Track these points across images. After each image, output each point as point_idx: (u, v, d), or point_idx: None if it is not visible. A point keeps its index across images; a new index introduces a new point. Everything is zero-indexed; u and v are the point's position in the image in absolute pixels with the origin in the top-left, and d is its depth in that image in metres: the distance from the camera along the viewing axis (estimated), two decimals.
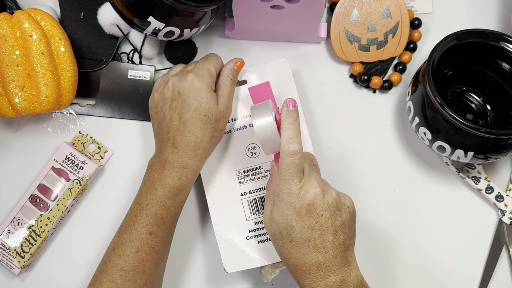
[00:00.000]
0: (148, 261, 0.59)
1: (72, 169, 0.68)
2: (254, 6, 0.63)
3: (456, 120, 0.58)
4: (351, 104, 0.72)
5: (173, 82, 0.62)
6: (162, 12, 0.61)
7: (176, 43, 0.69)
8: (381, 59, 0.72)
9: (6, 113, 0.65)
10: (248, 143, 0.66)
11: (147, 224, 0.59)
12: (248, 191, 0.65)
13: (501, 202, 0.69)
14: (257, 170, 0.65)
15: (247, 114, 0.66)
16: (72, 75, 0.66)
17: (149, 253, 0.59)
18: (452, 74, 0.69)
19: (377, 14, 0.70)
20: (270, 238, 0.58)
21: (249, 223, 0.65)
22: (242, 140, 0.66)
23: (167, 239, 0.61)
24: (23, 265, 0.67)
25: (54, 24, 0.65)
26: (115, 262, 0.59)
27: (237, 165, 0.65)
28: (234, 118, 0.66)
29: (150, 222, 0.59)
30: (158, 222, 0.60)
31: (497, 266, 0.69)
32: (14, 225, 0.67)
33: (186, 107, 0.60)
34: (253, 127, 0.57)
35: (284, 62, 0.67)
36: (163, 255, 0.62)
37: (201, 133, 0.60)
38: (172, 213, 0.61)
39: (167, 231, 0.61)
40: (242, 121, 0.66)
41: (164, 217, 0.60)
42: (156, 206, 0.60)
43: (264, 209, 0.61)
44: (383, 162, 0.71)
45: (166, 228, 0.60)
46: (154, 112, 0.64)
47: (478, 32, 0.64)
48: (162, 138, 0.62)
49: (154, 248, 0.59)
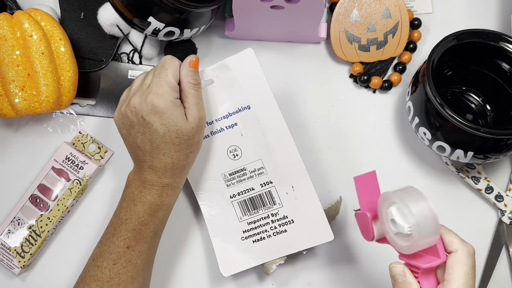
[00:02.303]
0: (123, 274, 0.58)
1: (72, 169, 0.68)
2: (254, 6, 0.63)
3: (456, 120, 0.58)
4: (351, 104, 0.72)
5: (134, 105, 0.57)
6: (162, 12, 0.62)
7: (176, 43, 0.69)
8: (381, 59, 0.72)
9: (6, 113, 0.65)
10: (228, 146, 0.64)
11: (125, 238, 0.58)
12: (237, 193, 0.65)
13: (501, 202, 0.69)
14: (242, 171, 0.64)
15: (221, 116, 0.64)
16: (72, 75, 0.66)
17: (125, 266, 0.58)
18: (452, 74, 0.69)
19: (377, 14, 0.70)
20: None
21: (242, 224, 0.64)
22: (222, 143, 0.64)
23: (147, 253, 0.60)
24: (23, 265, 0.67)
25: (54, 24, 0.65)
26: (93, 272, 0.59)
27: (222, 169, 0.65)
28: (210, 121, 0.64)
29: (128, 236, 0.58)
30: (136, 236, 0.58)
31: (496, 266, 0.69)
32: (14, 225, 0.67)
33: (154, 132, 0.57)
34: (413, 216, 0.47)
35: (249, 52, 0.63)
36: (142, 269, 0.60)
37: (176, 154, 0.57)
38: (152, 228, 0.59)
39: (147, 246, 0.59)
40: (219, 124, 0.64)
41: (143, 232, 0.59)
42: (135, 221, 0.58)
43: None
44: (383, 162, 0.71)
45: (145, 243, 0.59)
46: (123, 133, 0.60)
47: (478, 32, 0.64)
48: (138, 159, 0.59)
49: (131, 262, 0.58)
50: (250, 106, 0.64)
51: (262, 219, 0.64)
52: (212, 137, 0.65)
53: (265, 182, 0.64)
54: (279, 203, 0.64)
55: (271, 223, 0.64)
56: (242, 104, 0.64)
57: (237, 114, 0.64)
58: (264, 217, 0.64)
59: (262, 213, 0.64)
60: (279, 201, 0.64)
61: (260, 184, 0.64)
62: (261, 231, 0.64)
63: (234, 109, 0.64)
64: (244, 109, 0.64)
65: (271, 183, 0.64)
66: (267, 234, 0.64)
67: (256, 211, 0.64)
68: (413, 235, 0.47)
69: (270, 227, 0.64)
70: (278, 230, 0.64)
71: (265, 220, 0.64)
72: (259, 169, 0.64)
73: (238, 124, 0.64)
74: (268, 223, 0.64)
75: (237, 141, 0.64)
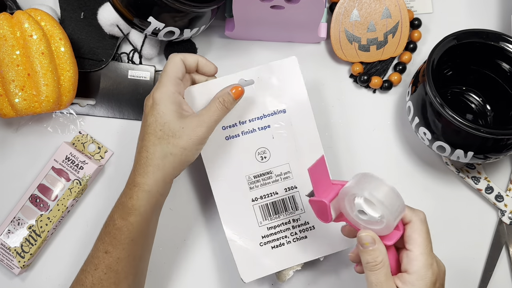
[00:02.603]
0: (105, 281, 0.57)
1: (72, 169, 0.68)
2: (254, 6, 0.63)
3: (456, 120, 0.58)
4: (351, 104, 0.72)
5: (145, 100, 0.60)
6: (162, 12, 0.62)
7: (176, 43, 0.69)
8: (381, 59, 0.72)
9: (6, 113, 0.65)
10: (258, 147, 0.64)
11: (103, 242, 0.58)
12: (260, 196, 0.63)
13: (501, 202, 0.69)
14: (268, 174, 0.64)
15: (255, 117, 0.64)
16: (72, 75, 0.66)
17: (106, 272, 0.57)
18: (452, 74, 0.69)
19: (377, 14, 0.70)
20: None
21: (262, 229, 0.63)
22: (251, 143, 0.64)
23: (127, 260, 0.57)
24: (23, 265, 0.67)
25: (54, 24, 0.65)
26: (79, 276, 0.58)
27: (247, 171, 0.63)
28: (243, 121, 0.64)
29: (105, 240, 0.58)
30: (112, 241, 0.57)
31: (497, 266, 0.69)
32: (14, 225, 0.67)
33: (145, 123, 0.58)
34: (378, 201, 0.49)
35: (293, 60, 0.64)
36: (124, 277, 0.57)
37: (153, 148, 0.57)
38: (126, 234, 0.57)
39: (125, 253, 0.57)
40: (251, 124, 0.64)
41: (118, 237, 0.57)
42: (110, 225, 0.58)
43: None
44: (383, 162, 0.71)
45: (123, 249, 0.57)
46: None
47: (478, 32, 0.64)
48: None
49: (111, 268, 0.57)
50: (286, 110, 0.64)
51: (282, 225, 0.63)
52: (242, 137, 0.64)
53: (289, 187, 0.64)
54: (302, 209, 0.63)
55: (291, 228, 0.63)
56: (278, 108, 0.64)
57: (272, 116, 0.64)
58: (285, 222, 0.63)
59: (283, 219, 0.63)
60: (301, 207, 0.63)
61: (284, 188, 0.64)
62: (281, 236, 0.63)
63: (269, 112, 0.64)
64: (280, 112, 0.64)
65: (296, 188, 0.64)
66: (286, 240, 0.63)
67: (277, 216, 0.63)
68: (385, 219, 0.48)
69: (291, 233, 0.63)
70: (299, 236, 0.63)
71: (286, 225, 0.63)
72: (285, 173, 0.64)
73: (271, 126, 0.64)
74: (289, 228, 0.63)
75: (268, 143, 0.64)
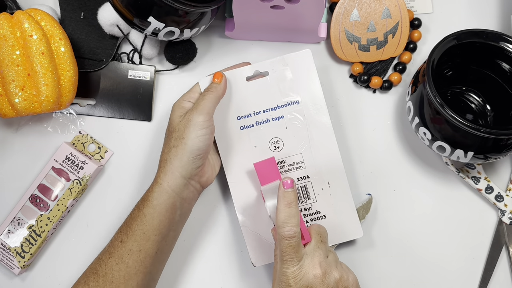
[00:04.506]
0: (116, 272, 0.58)
1: (72, 169, 0.68)
2: (254, 6, 0.63)
3: (456, 120, 0.58)
4: (351, 104, 0.72)
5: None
6: (162, 12, 0.62)
7: (176, 43, 0.69)
8: (381, 59, 0.72)
9: (6, 113, 0.65)
10: (271, 137, 0.66)
11: (120, 232, 0.60)
12: None
13: (501, 202, 0.69)
14: (281, 164, 0.65)
15: (269, 108, 0.66)
16: (72, 75, 0.66)
17: (118, 263, 0.58)
18: (452, 74, 0.69)
19: (377, 14, 0.70)
20: None
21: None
22: (265, 133, 0.66)
23: (137, 255, 0.58)
24: (23, 265, 0.67)
25: (54, 24, 0.65)
26: (94, 264, 0.59)
27: (260, 160, 0.64)
28: (257, 111, 0.66)
29: (122, 229, 0.60)
30: (127, 230, 0.59)
31: (496, 266, 0.69)
32: (14, 225, 0.67)
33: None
34: (266, 207, 0.59)
35: (307, 52, 0.66)
36: (134, 273, 0.58)
37: (163, 146, 0.62)
38: (139, 225, 0.59)
39: (137, 245, 0.58)
40: (265, 115, 0.66)
41: (132, 225, 0.59)
42: (128, 216, 0.61)
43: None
44: (383, 162, 0.71)
45: (135, 240, 0.58)
46: None
47: (478, 32, 0.64)
48: None
49: (123, 259, 0.58)
50: (299, 102, 0.66)
51: None
52: (256, 127, 0.66)
53: (302, 177, 0.65)
54: (313, 198, 0.65)
55: (303, 217, 0.65)
56: (292, 99, 0.66)
57: (285, 107, 0.66)
58: None
59: None
60: (313, 196, 0.65)
61: (297, 178, 0.65)
62: None
63: (283, 103, 0.66)
64: (293, 103, 0.66)
65: (308, 177, 0.65)
66: None
67: None
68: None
69: None
70: (310, 224, 0.64)
71: None
72: (298, 163, 0.65)
73: (285, 117, 0.66)
74: None
75: (281, 133, 0.66)
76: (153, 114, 0.72)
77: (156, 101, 0.72)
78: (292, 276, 0.54)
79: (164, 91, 0.72)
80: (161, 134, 0.71)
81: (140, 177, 0.70)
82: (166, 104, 0.72)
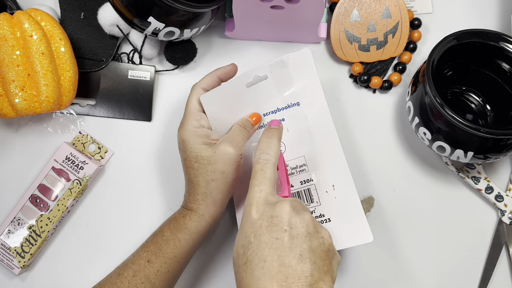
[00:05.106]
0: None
1: (72, 169, 0.68)
2: (254, 6, 0.63)
3: (456, 120, 0.58)
4: (351, 104, 0.72)
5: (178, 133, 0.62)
6: (162, 13, 0.62)
7: (176, 44, 0.69)
8: (381, 59, 0.72)
9: (6, 113, 0.65)
10: None
11: (147, 250, 0.59)
12: None
13: (501, 202, 0.69)
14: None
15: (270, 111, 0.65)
16: (72, 75, 0.66)
17: (144, 282, 0.57)
18: (452, 74, 0.69)
19: (377, 14, 0.70)
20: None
21: None
22: None
23: (165, 276, 0.58)
24: (23, 265, 0.67)
25: (54, 24, 0.65)
26: (114, 279, 0.59)
27: None
28: (264, 113, 0.65)
29: (150, 249, 0.59)
30: (156, 251, 0.58)
31: (496, 266, 0.69)
32: (14, 225, 0.67)
33: (181, 157, 0.61)
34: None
35: (306, 52, 0.63)
36: None
37: (195, 179, 0.59)
38: (172, 248, 0.59)
39: (166, 267, 0.58)
40: (266, 118, 0.65)
41: (163, 248, 0.58)
42: (159, 235, 0.60)
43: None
44: (383, 162, 0.71)
45: (164, 262, 0.58)
46: None
47: (478, 32, 0.64)
48: None
49: (149, 279, 0.57)
50: (300, 103, 0.64)
51: None
52: (258, 131, 0.65)
53: (305, 180, 0.64)
54: (317, 202, 0.63)
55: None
56: (292, 101, 0.64)
57: (286, 110, 0.65)
58: None
59: None
60: (317, 199, 0.63)
61: (300, 181, 0.64)
62: None
63: (284, 105, 0.65)
64: (294, 105, 0.65)
65: (312, 180, 0.64)
66: None
67: None
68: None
69: None
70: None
71: None
72: (301, 166, 0.64)
73: (286, 119, 0.65)
74: None
75: (283, 136, 0.64)
76: (153, 114, 0.72)
77: (156, 101, 0.72)
78: (257, 202, 0.50)
79: (164, 91, 0.72)
80: (161, 134, 0.71)
81: (140, 177, 0.70)
82: (166, 104, 0.72)
